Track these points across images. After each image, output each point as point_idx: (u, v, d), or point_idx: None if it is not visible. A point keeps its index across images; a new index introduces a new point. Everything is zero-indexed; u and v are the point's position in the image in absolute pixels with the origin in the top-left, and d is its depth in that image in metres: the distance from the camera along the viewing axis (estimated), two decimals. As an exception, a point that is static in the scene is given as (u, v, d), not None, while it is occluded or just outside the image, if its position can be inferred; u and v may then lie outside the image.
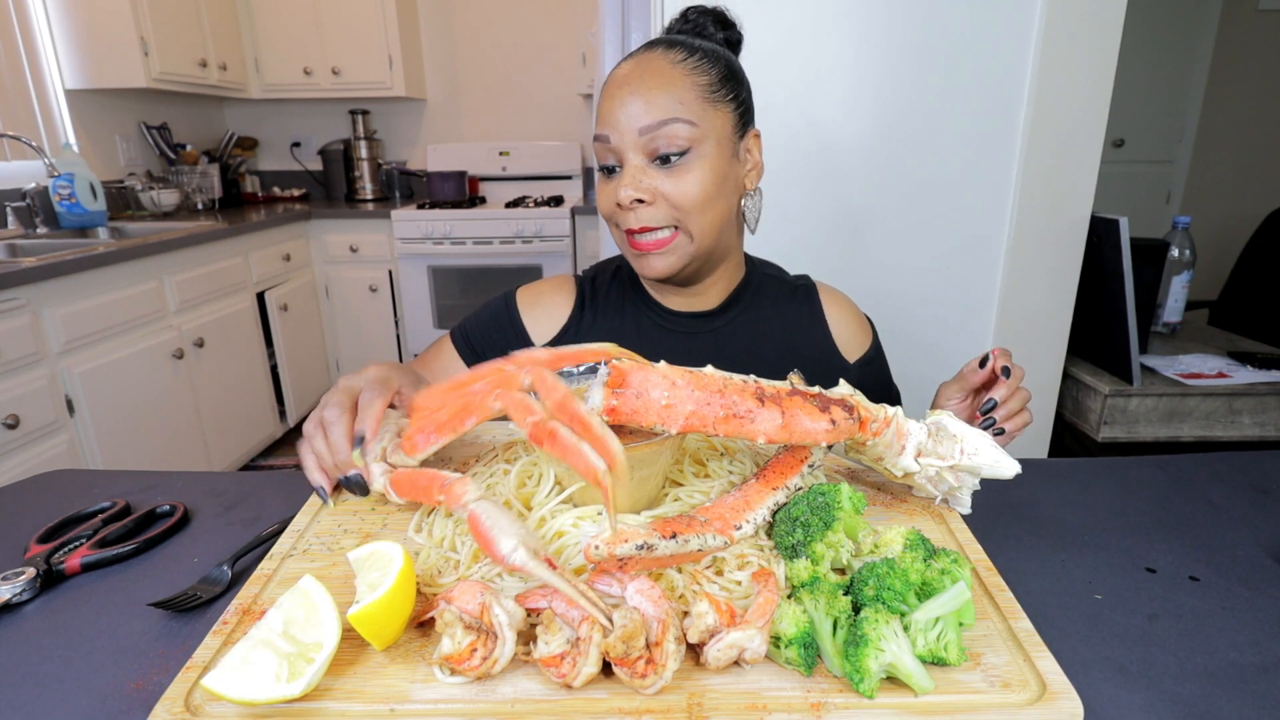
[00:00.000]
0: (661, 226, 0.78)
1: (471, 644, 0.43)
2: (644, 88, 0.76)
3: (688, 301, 0.90)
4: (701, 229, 0.79)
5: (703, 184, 0.77)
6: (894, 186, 1.47)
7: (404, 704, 0.42)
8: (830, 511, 0.51)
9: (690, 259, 0.81)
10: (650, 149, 0.76)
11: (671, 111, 0.76)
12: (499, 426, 0.80)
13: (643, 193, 0.76)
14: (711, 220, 0.79)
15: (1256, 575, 0.58)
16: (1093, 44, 1.36)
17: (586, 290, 0.93)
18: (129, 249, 2.12)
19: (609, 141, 0.78)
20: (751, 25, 1.39)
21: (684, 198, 0.77)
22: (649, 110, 0.76)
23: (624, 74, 0.79)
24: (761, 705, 0.41)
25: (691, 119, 0.76)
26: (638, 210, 0.77)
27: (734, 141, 0.80)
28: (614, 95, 0.78)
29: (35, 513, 0.68)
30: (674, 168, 0.77)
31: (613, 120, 0.77)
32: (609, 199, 0.80)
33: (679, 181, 0.77)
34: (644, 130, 0.76)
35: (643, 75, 0.78)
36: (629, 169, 0.77)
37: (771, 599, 0.45)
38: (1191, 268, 1.67)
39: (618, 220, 0.80)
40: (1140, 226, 1.69)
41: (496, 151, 3.63)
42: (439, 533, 0.57)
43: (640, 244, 0.79)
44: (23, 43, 2.54)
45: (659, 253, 0.79)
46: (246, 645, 0.43)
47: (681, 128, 0.76)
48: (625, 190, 0.76)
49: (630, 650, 0.41)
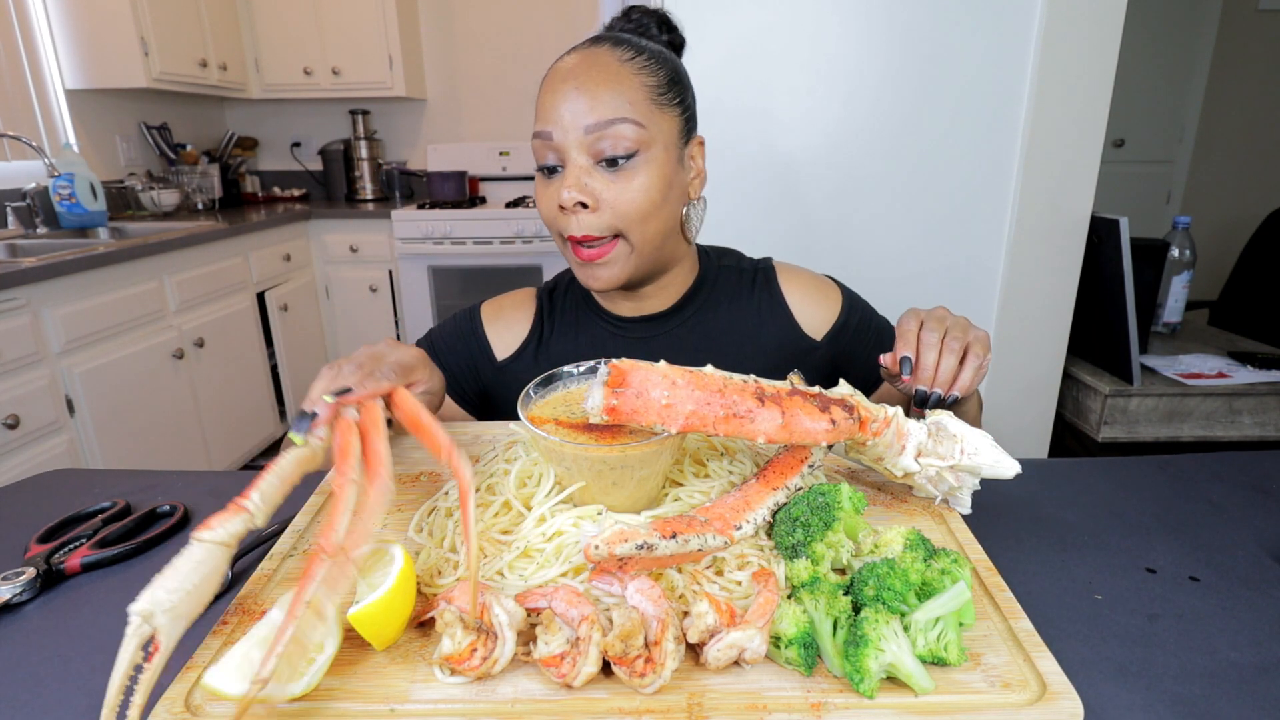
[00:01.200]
0: (602, 236, 0.75)
1: (471, 644, 0.43)
2: (591, 83, 0.72)
3: (637, 306, 0.87)
4: (644, 238, 0.76)
5: (648, 190, 0.74)
6: (894, 187, 1.47)
7: (404, 704, 0.42)
8: (830, 511, 0.51)
9: (633, 269, 0.78)
10: (595, 149, 0.73)
11: (619, 111, 0.72)
12: (499, 426, 0.80)
13: (586, 196, 0.73)
14: (655, 229, 0.76)
15: (1256, 575, 0.58)
16: (1093, 44, 1.36)
17: (544, 305, 0.92)
18: (129, 249, 2.12)
19: (551, 138, 0.74)
20: (753, 26, 1.39)
21: (628, 205, 0.73)
22: (595, 108, 0.72)
23: (569, 67, 0.75)
24: (762, 705, 0.41)
25: (640, 120, 0.73)
26: (579, 215, 0.74)
27: (679, 147, 0.78)
28: (557, 89, 0.74)
29: (35, 513, 0.68)
30: (620, 171, 0.73)
31: (555, 116, 0.73)
32: (550, 201, 0.76)
33: (624, 187, 0.73)
34: (590, 129, 0.72)
35: (589, 70, 0.73)
36: (572, 169, 0.73)
37: (771, 599, 0.45)
38: (1191, 268, 1.67)
39: (559, 226, 0.76)
40: (1140, 226, 1.69)
41: (496, 151, 3.63)
42: (439, 532, 0.57)
43: (582, 252, 0.76)
44: (23, 43, 2.54)
45: (601, 263, 0.76)
46: (248, 644, 0.43)
47: (629, 129, 0.72)
48: (568, 192, 0.72)
49: (629, 649, 0.41)
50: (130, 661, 0.40)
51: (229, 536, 0.46)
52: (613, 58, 0.75)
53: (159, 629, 0.41)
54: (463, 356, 0.92)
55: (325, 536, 0.43)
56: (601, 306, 0.89)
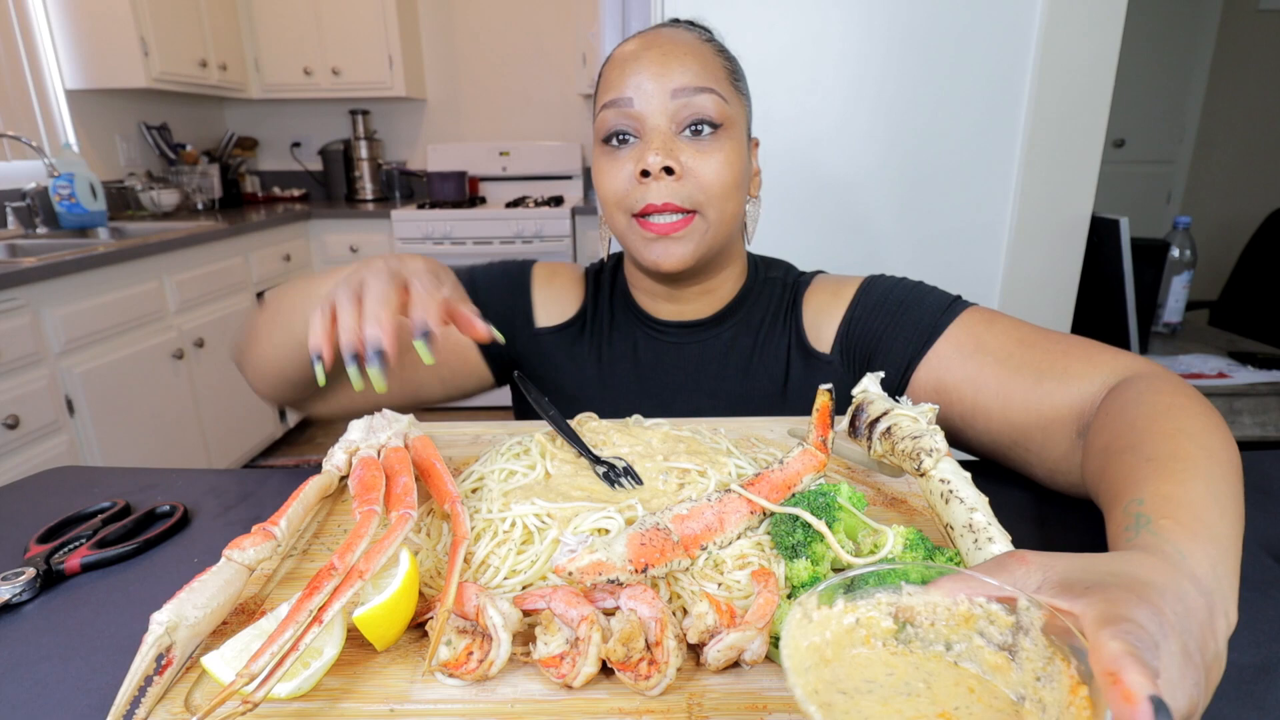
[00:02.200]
0: (682, 207, 0.69)
1: (467, 647, 0.43)
2: (677, 52, 0.69)
3: (679, 310, 0.82)
4: (721, 218, 0.71)
5: (731, 166, 0.70)
6: (894, 187, 1.47)
7: (404, 704, 0.42)
8: (830, 511, 0.50)
9: (706, 250, 0.72)
10: (681, 116, 0.68)
11: (706, 80, 0.69)
12: (499, 426, 0.80)
13: (673, 160, 0.67)
14: (731, 211, 0.72)
15: (1256, 575, 0.58)
16: (1093, 44, 1.36)
17: (590, 290, 0.88)
18: (129, 249, 2.12)
19: (631, 105, 0.68)
20: (754, 26, 1.39)
21: (712, 177, 0.69)
22: (684, 73, 0.68)
23: (647, 40, 0.71)
24: (762, 705, 0.41)
25: (724, 95, 0.70)
26: (662, 182, 0.68)
27: (748, 138, 0.75)
28: (640, 56, 0.69)
29: (35, 513, 0.68)
30: (704, 142, 0.69)
31: (635, 82, 0.68)
32: (621, 172, 0.70)
33: (708, 159, 0.69)
34: (678, 92, 0.68)
35: (672, 42, 0.70)
36: (656, 135, 0.68)
37: (771, 600, 0.44)
38: (1192, 268, 1.67)
39: (633, 198, 0.70)
40: (1140, 226, 1.69)
41: (496, 151, 3.63)
42: (435, 535, 0.57)
43: (655, 226, 0.70)
44: (23, 43, 2.54)
45: (676, 237, 0.70)
46: (252, 633, 0.43)
47: (715, 100, 0.69)
48: (655, 155, 0.67)
49: (631, 653, 0.41)
50: (145, 671, 0.40)
51: (256, 560, 0.48)
52: (692, 35, 0.72)
53: (177, 642, 0.42)
54: (504, 305, 0.86)
55: (342, 557, 0.44)
56: (640, 307, 0.84)
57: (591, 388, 0.86)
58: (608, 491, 0.56)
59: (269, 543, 0.49)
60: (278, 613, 0.45)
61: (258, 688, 0.38)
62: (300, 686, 0.41)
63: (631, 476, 0.57)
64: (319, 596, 0.42)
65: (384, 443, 0.61)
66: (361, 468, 0.56)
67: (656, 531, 0.48)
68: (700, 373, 0.83)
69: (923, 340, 0.72)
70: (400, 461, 0.56)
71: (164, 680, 0.41)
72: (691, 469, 0.58)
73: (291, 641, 0.39)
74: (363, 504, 0.50)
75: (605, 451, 0.61)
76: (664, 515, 0.50)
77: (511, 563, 0.51)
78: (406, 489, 0.53)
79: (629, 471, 0.58)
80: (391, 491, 0.53)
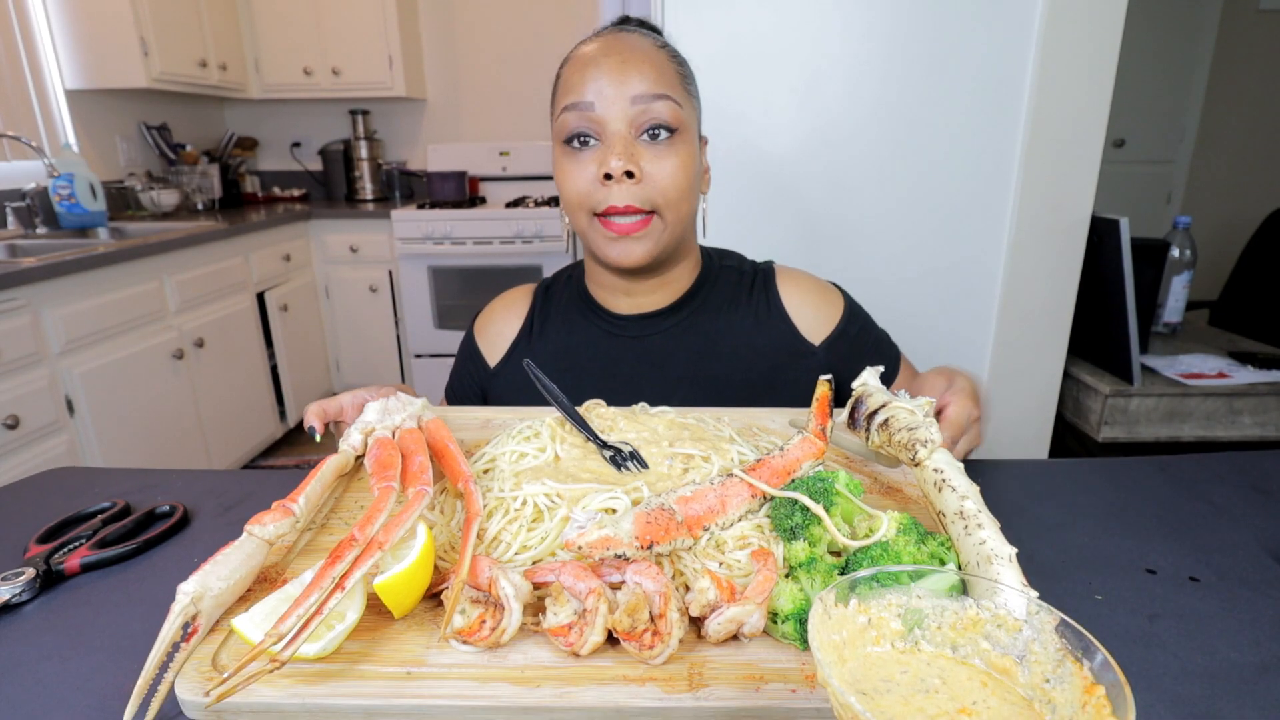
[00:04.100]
0: (641, 208, 0.74)
1: (480, 616, 0.45)
2: (635, 59, 0.72)
3: (636, 303, 0.86)
4: (677, 217, 0.76)
5: (686, 169, 0.74)
6: (894, 187, 1.46)
7: (420, 667, 0.44)
8: (828, 496, 0.52)
9: (664, 248, 0.77)
10: (640, 121, 0.72)
11: (662, 87, 0.72)
12: (509, 411, 0.81)
13: (633, 165, 0.71)
14: (686, 211, 0.77)
15: (1256, 575, 0.58)
16: (1093, 44, 1.36)
17: (539, 301, 0.91)
18: (129, 249, 2.12)
19: (592, 109, 0.72)
20: (753, 25, 1.39)
21: (668, 180, 0.73)
22: (642, 80, 0.72)
23: (606, 43, 0.74)
24: (759, 675, 0.43)
25: (678, 101, 0.73)
26: (623, 185, 0.72)
27: (699, 139, 0.79)
28: (599, 63, 0.73)
29: (35, 513, 0.68)
30: (661, 146, 0.73)
31: (596, 87, 0.72)
32: (583, 174, 0.74)
33: (664, 163, 0.73)
34: (637, 99, 0.71)
35: (630, 49, 0.73)
36: (616, 139, 0.72)
37: (770, 577, 0.46)
38: (1192, 268, 1.67)
39: (595, 199, 0.75)
40: (1140, 226, 1.69)
41: (496, 151, 3.63)
42: (449, 511, 0.59)
43: (617, 226, 0.75)
44: (23, 43, 2.54)
45: (636, 237, 0.75)
46: (278, 598, 0.45)
47: (671, 106, 0.73)
48: (617, 160, 0.71)
49: (636, 624, 0.43)
50: (171, 638, 0.42)
51: (276, 535, 0.50)
52: (647, 42, 0.76)
53: (202, 612, 0.44)
54: (471, 382, 0.93)
55: (362, 529, 0.46)
56: (598, 304, 0.88)
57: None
58: (615, 474, 0.58)
59: (288, 519, 0.50)
60: (302, 579, 0.46)
61: (285, 647, 0.39)
62: (325, 648, 0.43)
63: (637, 460, 0.59)
64: (341, 565, 0.44)
65: (399, 424, 0.63)
66: (378, 447, 0.58)
67: (662, 511, 0.49)
68: (667, 360, 0.86)
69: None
70: (415, 442, 0.59)
71: (189, 647, 0.43)
72: (695, 454, 0.60)
73: (316, 605, 0.41)
74: (381, 480, 0.52)
75: (612, 437, 0.62)
76: (669, 497, 0.51)
77: (523, 539, 0.53)
78: (422, 467, 0.55)
79: (635, 456, 0.59)
80: (408, 469, 0.55)
